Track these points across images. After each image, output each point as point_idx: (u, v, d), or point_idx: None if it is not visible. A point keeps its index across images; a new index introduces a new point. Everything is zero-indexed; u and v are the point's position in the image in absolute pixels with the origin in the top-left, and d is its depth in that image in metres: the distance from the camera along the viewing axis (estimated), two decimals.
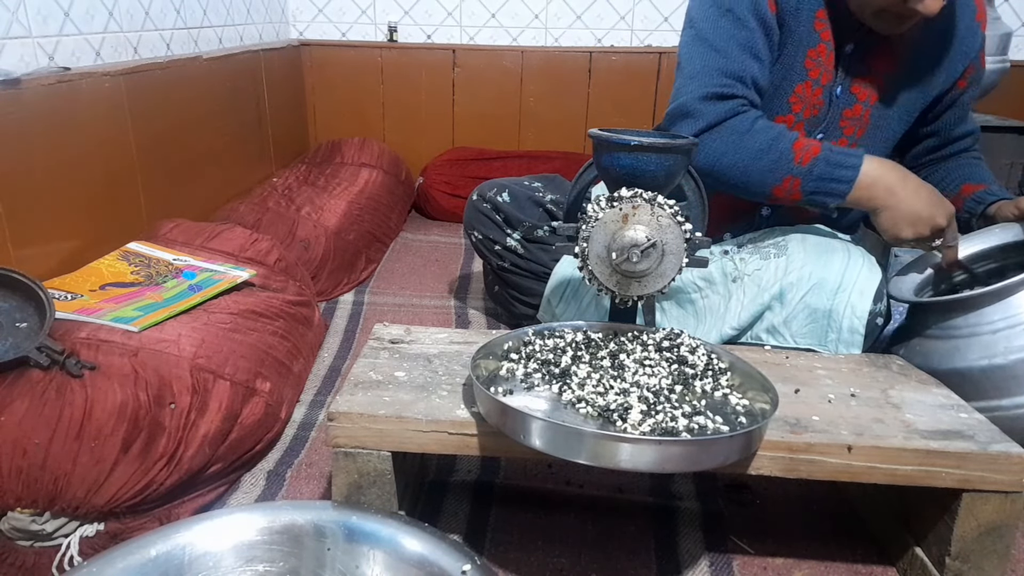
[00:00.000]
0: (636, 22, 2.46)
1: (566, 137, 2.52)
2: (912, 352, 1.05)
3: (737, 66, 1.10)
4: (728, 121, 1.09)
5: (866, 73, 1.16)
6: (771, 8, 1.11)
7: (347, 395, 0.83)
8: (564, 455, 0.71)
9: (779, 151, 1.07)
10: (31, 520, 0.82)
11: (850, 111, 1.18)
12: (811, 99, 1.16)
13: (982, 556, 0.81)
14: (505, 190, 1.45)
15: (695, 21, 1.15)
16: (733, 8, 1.11)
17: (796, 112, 1.17)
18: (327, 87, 2.55)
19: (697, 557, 0.91)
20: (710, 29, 1.12)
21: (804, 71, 1.14)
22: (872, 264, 1.10)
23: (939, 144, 1.26)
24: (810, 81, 1.15)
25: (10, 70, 1.15)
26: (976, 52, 1.19)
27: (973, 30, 1.17)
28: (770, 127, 1.10)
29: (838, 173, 1.06)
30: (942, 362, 1.00)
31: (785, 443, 0.79)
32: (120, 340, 0.95)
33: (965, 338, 0.99)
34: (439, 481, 1.03)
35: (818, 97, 1.16)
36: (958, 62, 1.18)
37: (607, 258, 0.86)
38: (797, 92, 1.16)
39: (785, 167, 1.07)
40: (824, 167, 1.06)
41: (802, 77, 1.15)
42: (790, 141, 1.08)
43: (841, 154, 1.07)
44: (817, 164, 1.06)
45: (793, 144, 1.08)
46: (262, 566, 0.75)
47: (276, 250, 1.46)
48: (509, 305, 1.50)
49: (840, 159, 1.06)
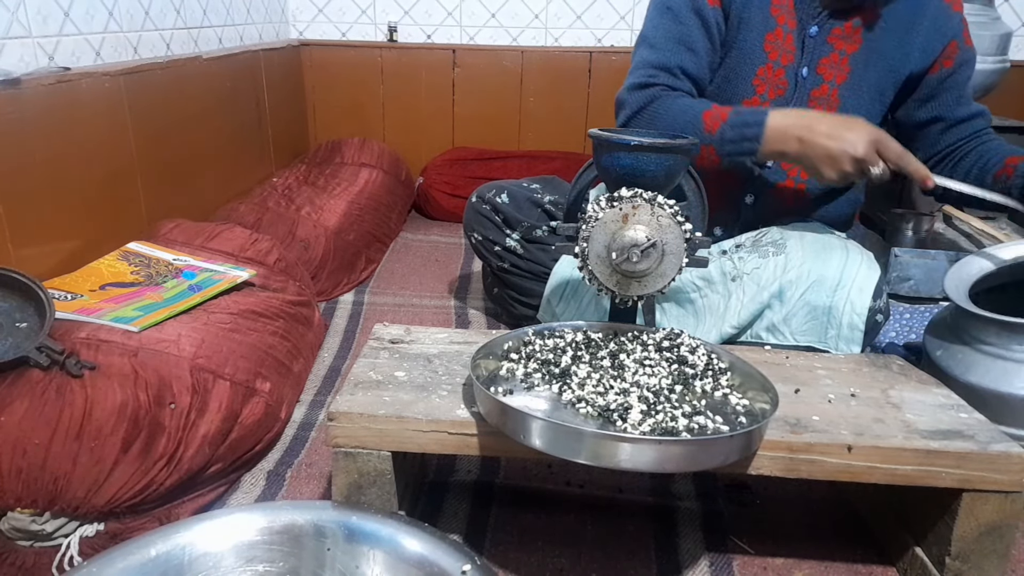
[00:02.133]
0: (636, 22, 2.46)
1: (566, 137, 2.52)
2: (952, 358, 1.03)
3: (665, 57, 1.19)
4: (649, 106, 1.17)
5: (829, 54, 1.19)
6: (712, 2, 1.18)
7: (347, 395, 0.83)
8: (564, 455, 0.71)
9: (690, 123, 1.13)
10: (31, 520, 0.82)
11: (817, 91, 1.21)
12: (774, 80, 1.21)
13: (982, 556, 0.81)
14: (504, 191, 1.45)
15: (644, 24, 1.26)
16: (672, 6, 1.20)
17: (760, 94, 1.21)
18: (327, 87, 2.55)
19: (697, 557, 0.91)
20: (650, 28, 1.23)
21: (764, 54, 1.20)
22: (871, 261, 1.10)
23: (946, 127, 1.25)
24: (771, 63, 1.20)
25: (10, 70, 1.15)
26: (955, 32, 1.19)
27: (944, 11, 1.19)
28: (685, 104, 1.16)
29: (746, 132, 1.10)
30: (984, 379, 0.98)
31: (785, 443, 0.79)
32: (120, 340, 0.95)
33: (1016, 363, 0.97)
34: (439, 481, 1.03)
35: (780, 78, 1.20)
36: (933, 42, 1.19)
37: (607, 258, 0.86)
38: (759, 74, 1.20)
39: (698, 136, 1.11)
40: (731, 131, 1.11)
41: (763, 60, 1.20)
42: (700, 112, 1.13)
43: (747, 114, 1.12)
44: (725, 130, 1.11)
45: (703, 114, 1.13)
46: (262, 566, 0.75)
47: (276, 250, 1.46)
48: (509, 306, 1.50)
49: (745, 119, 1.11)
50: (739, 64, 1.21)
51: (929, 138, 1.27)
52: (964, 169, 1.23)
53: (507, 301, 1.50)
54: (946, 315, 1.12)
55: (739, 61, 1.21)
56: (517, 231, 1.42)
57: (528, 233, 1.41)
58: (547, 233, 1.40)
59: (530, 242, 1.41)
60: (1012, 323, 0.99)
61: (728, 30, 1.21)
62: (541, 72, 2.49)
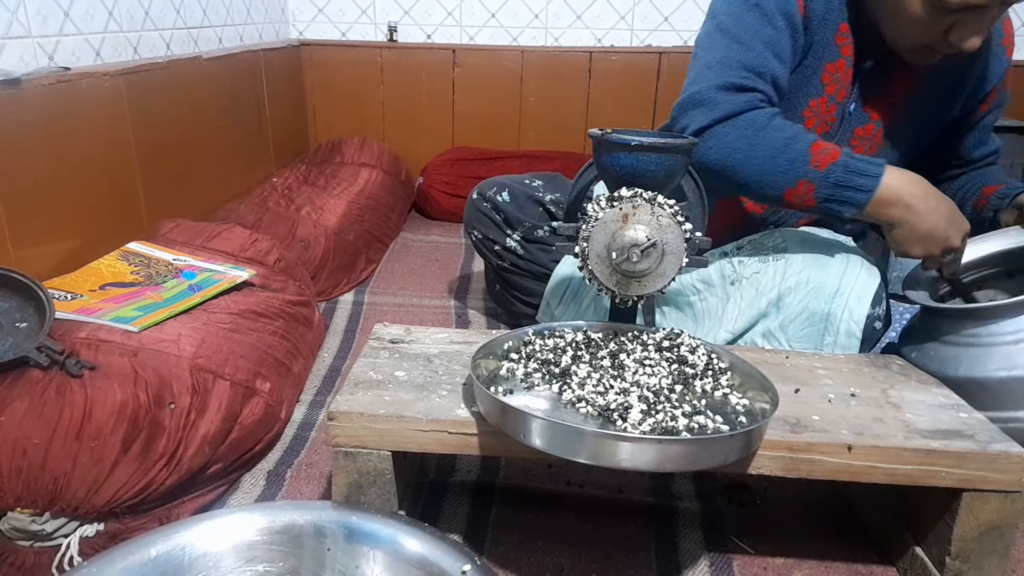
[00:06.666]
0: (636, 22, 2.46)
1: (566, 137, 2.51)
2: (926, 356, 1.03)
3: (759, 60, 1.04)
4: (745, 114, 1.03)
5: (882, 92, 1.13)
6: (800, 10, 1.06)
7: (347, 395, 0.83)
8: (564, 454, 0.71)
9: (796, 151, 1.01)
10: (31, 520, 0.82)
11: (861, 129, 1.15)
12: (825, 115, 1.12)
13: (982, 556, 0.81)
14: (505, 189, 1.45)
15: (717, 13, 1.10)
16: (762, 3, 1.05)
17: (809, 127, 1.13)
18: (327, 87, 2.55)
19: (697, 557, 0.91)
20: (733, 21, 1.07)
21: (821, 85, 1.10)
22: (871, 268, 1.08)
23: (958, 164, 1.25)
24: (826, 96, 1.11)
25: (10, 70, 1.15)
26: (1000, 76, 1.16)
27: (998, 55, 1.14)
28: (788, 125, 1.04)
29: (857, 181, 0.99)
30: (958, 369, 0.98)
31: (785, 443, 0.79)
32: (120, 340, 0.95)
33: (984, 347, 0.97)
34: (439, 481, 1.03)
35: (832, 114, 1.12)
36: (978, 88, 1.15)
37: (607, 258, 0.86)
38: (811, 106, 1.12)
39: (801, 169, 1.01)
40: (842, 173, 1.00)
41: (819, 91, 1.11)
42: (808, 142, 1.02)
43: (862, 162, 1.01)
44: (835, 170, 1.00)
45: (811, 146, 1.01)
46: (262, 566, 0.75)
47: (276, 250, 1.46)
48: (509, 305, 1.50)
49: (861, 167, 1.00)
50: (794, 92, 1.11)
51: (936, 168, 1.25)
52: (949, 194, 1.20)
53: (508, 299, 1.50)
54: (915, 320, 1.14)
55: (795, 88, 1.11)
56: (518, 231, 1.41)
57: (529, 233, 1.40)
58: (548, 234, 1.40)
59: (530, 242, 1.41)
60: (972, 310, 1.00)
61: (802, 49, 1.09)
62: (541, 72, 2.49)
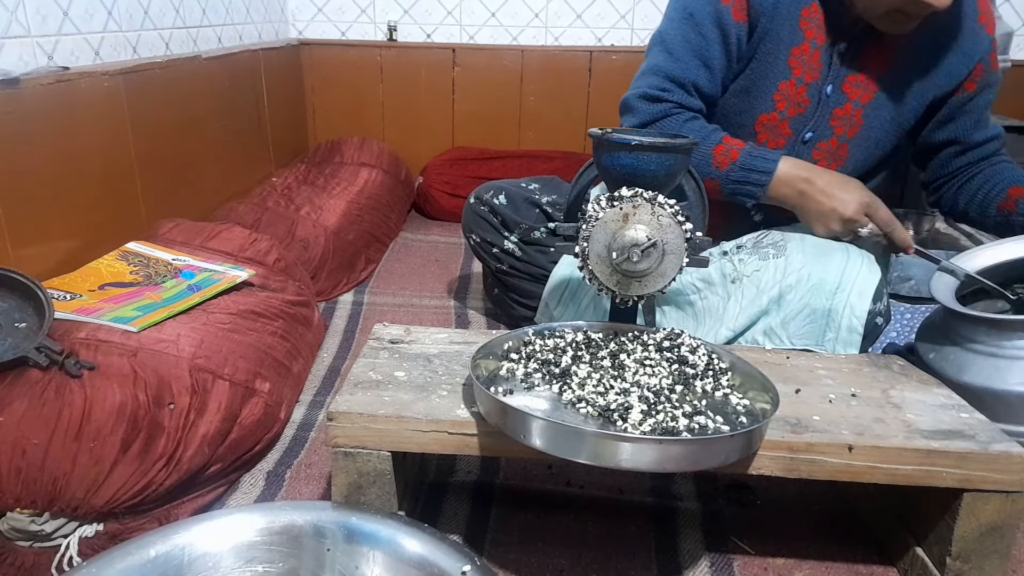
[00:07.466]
0: (636, 21, 2.46)
1: (566, 137, 2.51)
2: (944, 359, 1.03)
3: (681, 70, 1.16)
4: (659, 122, 1.16)
5: (859, 72, 1.16)
6: (737, 17, 1.15)
7: (347, 395, 0.83)
8: (565, 455, 0.71)
9: (700, 155, 1.14)
10: (30, 520, 0.82)
11: (840, 110, 1.19)
12: (796, 97, 1.18)
13: (983, 556, 0.81)
14: (502, 192, 1.45)
15: (663, 20, 1.21)
16: (695, 13, 1.16)
17: (780, 110, 1.19)
18: (327, 86, 2.55)
19: (697, 558, 0.90)
20: (669, 31, 1.19)
21: (788, 69, 1.17)
22: (871, 264, 1.09)
23: (961, 150, 1.25)
24: (794, 79, 1.17)
25: (9, 70, 1.15)
26: (983, 55, 1.18)
27: (976, 32, 1.16)
28: (697, 130, 1.15)
29: (753, 177, 1.13)
30: (977, 377, 0.98)
31: (786, 443, 0.79)
32: (119, 340, 0.95)
33: (1008, 359, 0.97)
34: (439, 481, 1.03)
35: (803, 95, 1.18)
36: (959, 65, 1.17)
37: (607, 258, 0.86)
38: (781, 90, 1.18)
39: (705, 170, 1.14)
40: (740, 172, 1.14)
41: (786, 75, 1.17)
42: (712, 145, 1.14)
43: (758, 158, 1.13)
44: (734, 169, 1.14)
45: (714, 149, 1.14)
46: (261, 567, 0.75)
47: (275, 250, 1.45)
48: (508, 307, 1.50)
49: (756, 163, 1.13)
50: (761, 78, 1.18)
51: (942, 159, 1.27)
52: (969, 192, 1.23)
53: (506, 302, 1.50)
54: (936, 318, 1.12)
55: (761, 75, 1.18)
56: (515, 233, 1.41)
57: (526, 235, 1.40)
58: (545, 235, 1.40)
59: (528, 244, 1.41)
60: (1000, 320, 0.99)
61: (751, 42, 1.17)
62: (541, 71, 2.49)
